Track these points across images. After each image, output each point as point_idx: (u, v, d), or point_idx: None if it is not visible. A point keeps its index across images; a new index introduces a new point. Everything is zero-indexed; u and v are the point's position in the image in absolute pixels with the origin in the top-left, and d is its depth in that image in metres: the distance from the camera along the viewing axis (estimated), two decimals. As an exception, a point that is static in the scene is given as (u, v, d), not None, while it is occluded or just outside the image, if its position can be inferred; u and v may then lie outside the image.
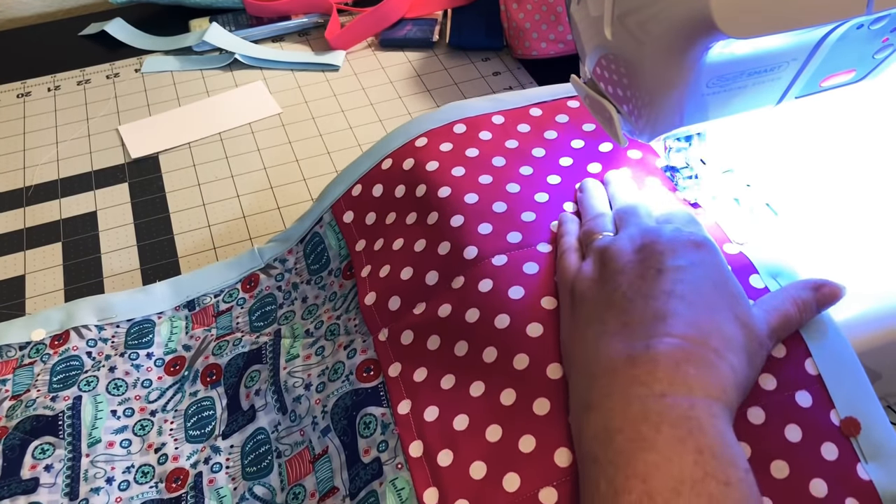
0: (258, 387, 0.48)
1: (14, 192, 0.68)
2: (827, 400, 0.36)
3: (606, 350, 0.34)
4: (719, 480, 0.29)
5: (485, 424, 0.37)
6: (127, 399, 0.49)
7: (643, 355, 0.33)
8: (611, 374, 0.33)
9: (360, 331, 0.46)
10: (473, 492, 0.36)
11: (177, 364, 0.51)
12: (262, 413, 0.47)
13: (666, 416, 0.30)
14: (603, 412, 0.32)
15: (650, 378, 0.32)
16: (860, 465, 0.34)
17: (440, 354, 0.41)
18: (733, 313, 0.35)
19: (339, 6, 0.87)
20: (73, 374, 0.49)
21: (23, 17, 0.97)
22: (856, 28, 0.36)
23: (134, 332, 0.53)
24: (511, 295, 0.41)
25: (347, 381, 0.44)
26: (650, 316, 0.34)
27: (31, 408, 0.47)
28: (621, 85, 0.39)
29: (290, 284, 0.54)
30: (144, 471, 0.46)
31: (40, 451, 0.45)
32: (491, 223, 0.45)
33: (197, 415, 0.48)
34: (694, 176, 0.47)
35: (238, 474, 0.45)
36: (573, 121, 0.52)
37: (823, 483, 0.34)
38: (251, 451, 0.46)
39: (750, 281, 0.41)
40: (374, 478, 0.39)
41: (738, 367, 0.33)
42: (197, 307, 0.55)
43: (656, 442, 0.30)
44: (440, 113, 0.53)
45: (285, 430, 0.45)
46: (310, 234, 0.54)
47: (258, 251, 0.57)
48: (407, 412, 0.40)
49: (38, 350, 0.51)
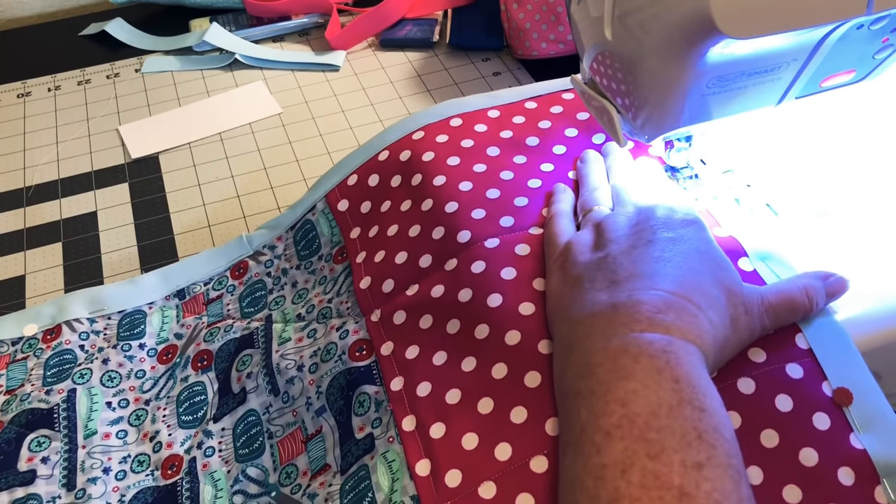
0: (250, 370, 0.48)
1: (14, 192, 0.68)
2: (818, 372, 0.36)
3: (591, 300, 0.36)
4: (695, 406, 0.30)
5: (477, 397, 0.38)
6: (121, 390, 0.49)
7: (626, 302, 0.34)
8: (592, 318, 0.35)
9: (352, 313, 0.47)
10: (465, 462, 0.36)
11: (169, 353, 0.52)
12: (254, 395, 0.47)
13: (644, 349, 0.32)
14: (584, 350, 0.34)
15: (630, 320, 0.33)
16: (853, 434, 0.35)
17: (432, 332, 0.42)
18: (717, 278, 0.36)
19: (339, 6, 0.87)
20: (67, 367, 0.50)
21: (23, 17, 0.97)
22: (856, 28, 0.36)
23: (125, 324, 0.53)
24: (503, 275, 0.42)
25: (340, 360, 0.44)
26: (637, 274, 0.36)
27: (26, 401, 0.47)
28: (621, 85, 0.39)
29: (279, 270, 0.54)
30: (140, 460, 0.46)
31: (36, 444, 0.45)
32: (484, 208, 0.46)
33: (189, 400, 0.49)
34: (694, 176, 0.47)
35: (231, 457, 0.45)
36: (567, 111, 0.53)
37: (814, 452, 0.34)
38: (242, 433, 0.46)
39: (739, 264, 0.41)
40: (365, 452, 0.40)
41: (716, 323, 0.34)
42: (187, 296, 0.55)
43: (635, 371, 0.31)
44: (437, 108, 0.54)
45: (277, 411, 0.46)
46: (301, 221, 0.55)
47: (246, 238, 0.57)
48: (400, 389, 0.41)
49: (30, 345, 0.51)
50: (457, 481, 0.36)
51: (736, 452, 0.30)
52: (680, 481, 0.28)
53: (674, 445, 0.29)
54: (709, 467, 0.29)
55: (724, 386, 0.36)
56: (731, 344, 0.36)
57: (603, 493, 0.29)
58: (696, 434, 0.29)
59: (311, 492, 0.41)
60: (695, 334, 0.33)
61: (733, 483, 0.29)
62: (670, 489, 0.28)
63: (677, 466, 0.28)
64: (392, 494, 0.37)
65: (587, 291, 0.36)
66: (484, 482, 0.35)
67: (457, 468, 0.36)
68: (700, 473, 0.28)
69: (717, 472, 0.29)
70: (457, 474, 0.36)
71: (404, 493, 0.37)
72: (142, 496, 0.44)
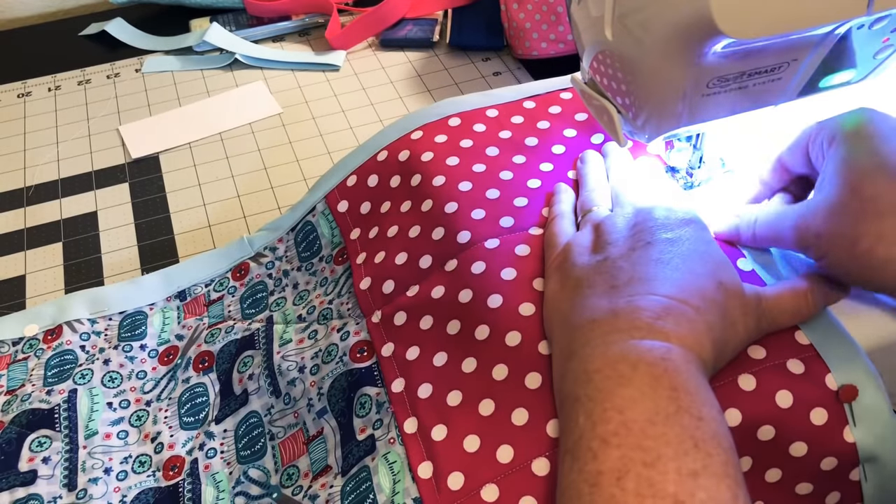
0: (251, 371, 0.48)
1: (14, 192, 0.68)
2: (820, 367, 0.36)
3: (591, 306, 0.35)
4: (692, 415, 0.30)
5: (478, 399, 0.38)
6: (122, 391, 0.49)
7: (625, 308, 0.34)
8: (592, 324, 0.34)
9: (353, 314, 0.47)
10: (467, 464, 0.36)
11: (170, 354, 0.52)
12: (255, 396, 0.47)
13: (643, 357, 0.32)
14: (583, 357, 0.33)
15: (630, 326, 0.33)
16: (848, 428, 0.35)
17: (433, 333, 0.42)
18: (717, 279, 0.36)
19: (339, 6, 0.87)
20: (68, 367, 0.50)
21: (23, 17, 0.97)
22: (856, 28, 0.36)
23: (126, 325, 0.53)
24: (503, 276, 0.42)
25: (341, 362, 0.44)
26: (636, 279, 0.36)
27: (27, 402, 0.47)
28: (622, 85, 0.39)
29: (280, 272, 0.54)
30: (142, 460, 0.46)
31: (37, 444, 0.45)
32: (484, 209, 0.46)
33: (190, 401, 0.49)
34: (694, 175, 0.47)
35: (233, 458, 0.45)
36: (566, 111, 0.53)
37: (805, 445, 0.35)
38: (244, 434, 0.46)
39: (738, 264, 0.41)
40: (366, 454, 0.40)
41: (715, 326, 0.34)
42: (188, 297, 0.55)
43: (633, 378, 0.31)
44: (435, 108, 0.54)
45: (278, 412, 0.46)
46: (301, 222, 0.55)
47: (247, 240, 0.57)
48: (401, 390, 0.41)
49: (31, 345, 0.51)
50: (459, 484, 0.36)
51: (734, 462, 0.30)
52: (675, 489, 0.28)
53: (669, 454, 0.29)
54: (705, 476, 0.29)
55: (724, 383, 0.36)
56: (731, 346, 0.36)
57: (598, 500, 0.29)
58: (692, 443, 0.29)
59: (313, 493, 0.41)
60: (694, 340, 0.33)
61: (730, 492, 0.29)
62: (665, 497, 0.28)
63: (672, 475, 0.28)
64: (394, 496, 0.37)
65: (587, 297, 0.36)
66: (486, 484, 0.35)
67: (459, 470, 0.36)
68: (696, 482, 0.28)
69: (713, 480, 0.29)
70: (459, 477, 0.36)
71: (406, 495, 0.37)
72: (143, 497, 0.44)
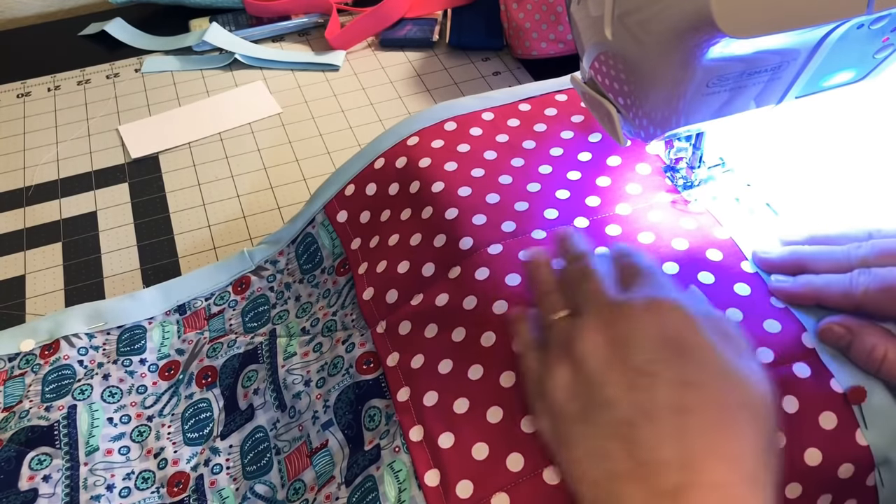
0: (256, 386, 0.48)
1: (14, 192, 0.68)
2: (825, 370, 0.36)
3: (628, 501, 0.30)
4: None
5: (485, 406, 0.37)
6: (123, 406, 0.49)
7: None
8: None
9: (357, 325, 0.46)
10: (476, 472, 0.36)
11: (171, 368, 0.51)
12: (261, 411, 0.47)
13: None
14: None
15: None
16: (860, 430, 0.35)
17: (438, 341, 0.41)
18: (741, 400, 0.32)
19: (339, 6, 0.87)
20: (66, 383, 0.49)
21: (23, 17, 0.96)
22: (856, 28, 0.36)
23: (125, 339, 0.52)
24: (508, 282, 0.41)
25: (348, 374, 0.44)
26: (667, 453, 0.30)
27: (25, 419, 0.46)
28: (621, 84, 0.39)
29: (282, 284, 0.54)
30: (145, 476, 0.45)
31: (37, 462, 0.44)
32: (485, 214, 0.45)
33: (194, 417, 0.48)
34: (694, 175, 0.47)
35: (239, 474, 0.45)
36: (562, 113, 0.53)
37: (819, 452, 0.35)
38: (250, 449, 0.46)
39: (741, 266, 0.41)
40: (370, 463, 0.39)
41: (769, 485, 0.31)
42: (188, 311, 0.54)
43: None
44: (430, 112, 0.54)
45: (284, 426, 0.45)
46: (301, 234, 0.54)
47: (248, 253, 0.56)
48: (406, 399, 0.40)
49: (27, 361, 0.50)
50: (468, 492, 0.35)
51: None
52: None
53: None
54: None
55: None
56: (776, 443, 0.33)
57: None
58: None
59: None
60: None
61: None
62: None
63: None
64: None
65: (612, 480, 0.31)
66: (496, 493, 0.35)
67: (468, 479, 0.36)
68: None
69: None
70: (468, 485, 0.35)
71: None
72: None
